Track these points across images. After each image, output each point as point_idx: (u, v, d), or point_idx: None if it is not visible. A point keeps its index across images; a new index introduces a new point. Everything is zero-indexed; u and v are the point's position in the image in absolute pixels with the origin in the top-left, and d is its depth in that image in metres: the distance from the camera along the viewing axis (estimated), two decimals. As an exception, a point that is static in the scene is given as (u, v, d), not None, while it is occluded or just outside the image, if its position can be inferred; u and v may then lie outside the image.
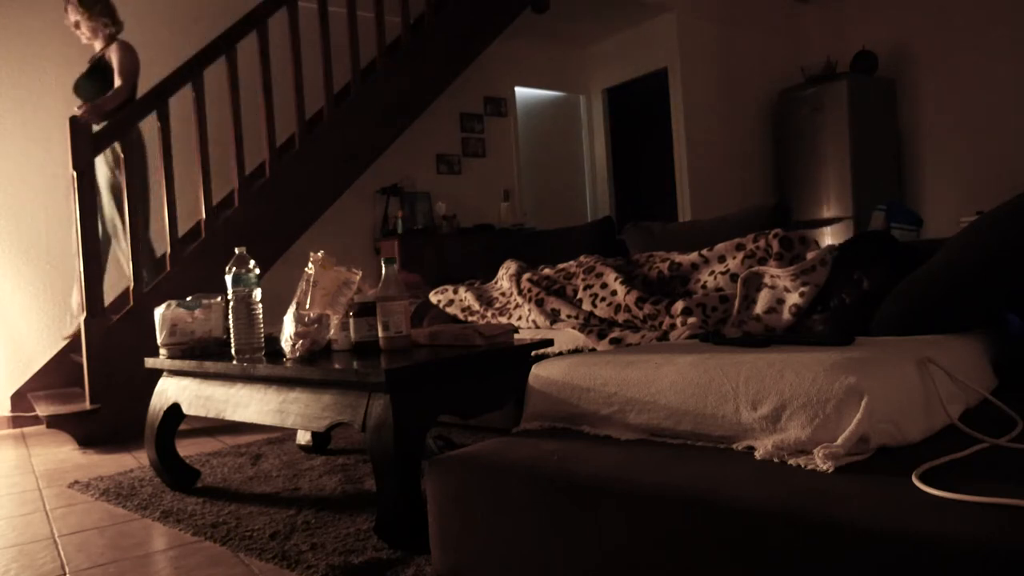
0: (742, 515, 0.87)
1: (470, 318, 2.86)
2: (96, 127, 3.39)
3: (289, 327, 1.92)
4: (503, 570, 1.15)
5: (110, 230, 3.60)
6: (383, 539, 1.60)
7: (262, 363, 1.91)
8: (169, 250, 3.50)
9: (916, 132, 5.84)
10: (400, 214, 4.80)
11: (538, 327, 2.59)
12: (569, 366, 1.38)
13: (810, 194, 5.84)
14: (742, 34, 5.99)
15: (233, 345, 2.01)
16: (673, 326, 2.21)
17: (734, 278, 2.24)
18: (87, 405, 3.18)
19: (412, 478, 1.54)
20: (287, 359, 1.90)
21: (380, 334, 1.86)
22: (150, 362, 2.33)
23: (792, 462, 1.00)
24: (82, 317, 3.23)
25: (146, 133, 3.81)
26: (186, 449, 2.80)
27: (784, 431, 1.05)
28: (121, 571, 1.63)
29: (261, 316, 2.04)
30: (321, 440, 2.66)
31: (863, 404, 0.98)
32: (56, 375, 3.85)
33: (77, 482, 2.48)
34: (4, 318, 3.80)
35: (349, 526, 1.76)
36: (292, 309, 1.96)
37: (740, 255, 2.30)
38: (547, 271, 2.81)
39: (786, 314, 2.01)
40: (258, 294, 2.04)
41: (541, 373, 1.42)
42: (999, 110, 5.34)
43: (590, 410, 1.32)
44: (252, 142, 3.93)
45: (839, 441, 0.98)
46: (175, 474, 2.29)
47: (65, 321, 3.91)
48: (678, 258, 2.50)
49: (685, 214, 5.71)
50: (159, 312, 2.29)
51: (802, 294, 1.99)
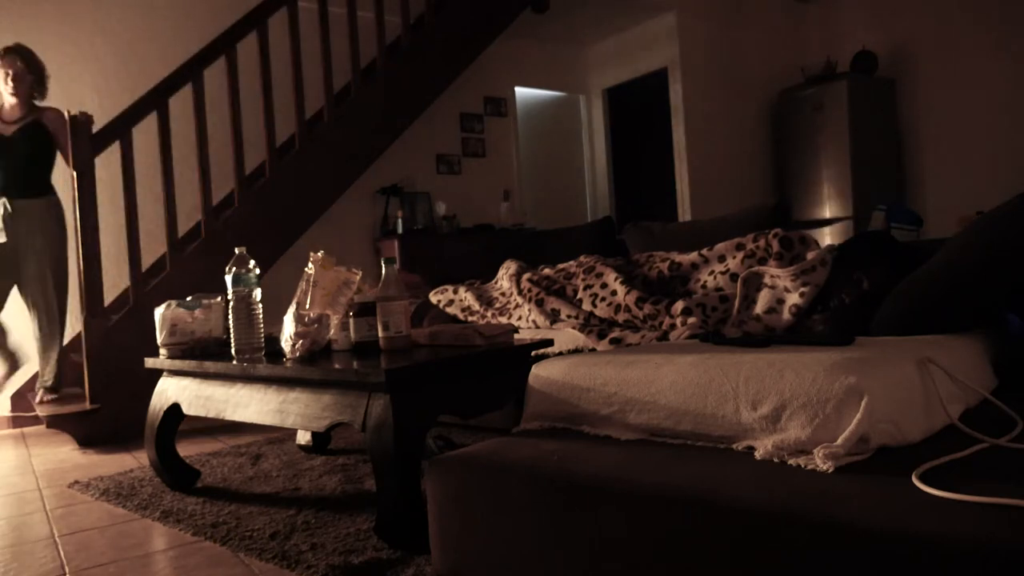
0: (742, 515, 0.87)
1: (470, 318, 2.86)
2: None
3: (289, 327, 1.92)
4: (503, 570, 1.15)
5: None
6: (383, 539, 1.60)
7: (262, 363, 1.91)
8: (169, 250, 3.50)
9: (916, 132, 5.84)
10: (400, 214, 4.80)
11: (538, 327, 2.59)
12: (569, 366, 1.38)
13: (810, 194, 5.84)
14: (742, 34, 5.99)
15: (233, 345, 2.01)
16: (673, 326, 2.21)
17: (734, 278, 2.24)
18: (87, 405, 3.18)
19: (412, 478, 1.54)
20: (287, 359, 1.90)
21: (380, 334, 1.86)
22: (150, 362, 2.33)
23: (792, 462, 1.00)
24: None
25: (146, 133, 3.81)
26: (186, 449, 2.80)
27: (784, 431, 1.05)
28: (121, 571, 1.63)
29: (261, 316, 2.04)
30: (321, 440, 2.66)
31: (863, 404, 0.98)
32: (56, 375, 3.84)
33: (77, 482, 2.48)
34: (4, 318, 3.80)
35: (349, 526, 1.76)
36: (292, 309, 1.96)
37: (740, 255, 2.30)
38: (547, 271, 2.81)
39: (786, 314, 2.01)
40: (258, 294, 2.04)
41: (541, 373, 1.42)
42: (999, 110, 5.34)
43: (590, 410, 1.32)
44: (252, 142, 3.93)
45: (839, 441, 0.98)
46: (175, 474, 2.29)
47: (65, 322, 3.90)
48: (678, 258, 2.50)
49: (685, 214, 5.71)
50: (159, 312, 2.29)
51: (802, 294, 1.99)
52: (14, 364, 3.54)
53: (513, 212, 5.53)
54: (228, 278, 2.01)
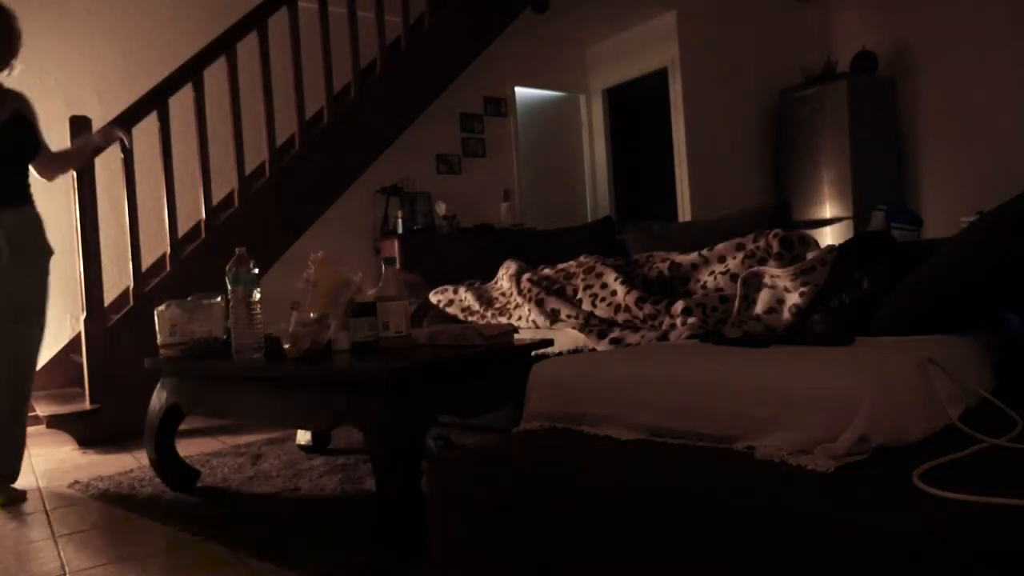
0: (742, 515, 0.87)
1: (470, 318, 2.86)
2: None
3: (289, 327, 1.92)
4: (503, 570, 1.15)
5: None
6: (383, 539, 1.60)
7: (262, 363, 1.92)
8: (169, 250, 3.50)
9: (916, 132, 5.84)
10: (400, 214, 4.80)
11: (538, 327, 2.59)
12: (569, 366, 1.38)
13: (810, 194, 5.84)
14: (742, 34, 5.99)
15: (233, 345, 2.01)
16: (673, 326, 2.21)
17: (734, 278, 2.24)
18: (87, 405, 3.18)
19: (412, 478, 1.54)
20: (287, 359, 1.90)
21: (380, 334, 1.86)
22: (150, 362, 2.33)
23: (792, 462, 1.00)
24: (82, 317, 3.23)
25: (147, 133, 3.81)
26: (186, 449, 2.80)
27: (784, 431, 1.05)
28: (121, 571, 1.63)
29: (261, 316, 2.04)
30: (321, 440, 2.66)
31: (863, 404, 0.98)
32: (56, 375, 3.85)
33: (77, 482, 2.48)
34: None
35: (349, 526, 1.76)
36: (292, 309, 1.96)
37: (740, 255, 2.30)
38: (547, 271, 2.81)
39: (786, 314, 2.01)
40: (258, 294, 2.04)
41: (541, 373, 1.42)
42: (999, 110, 5.34)
43: (590, 410, 1.32)
44: (252, 142, 3.93)
45: (839, 441, 0.98)
46: (175, 474, 2.29)
47: (65, 322, 3.91)
48: (678, 258, 2.50)
49: (685, 214, 5.71)
50: (159, 312, 2.29)
51: (802, 294, 1.99)
52: None
53: (513, 212, 5.53)
54: (228, 278, 2.01)
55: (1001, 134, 5.33)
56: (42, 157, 2.55)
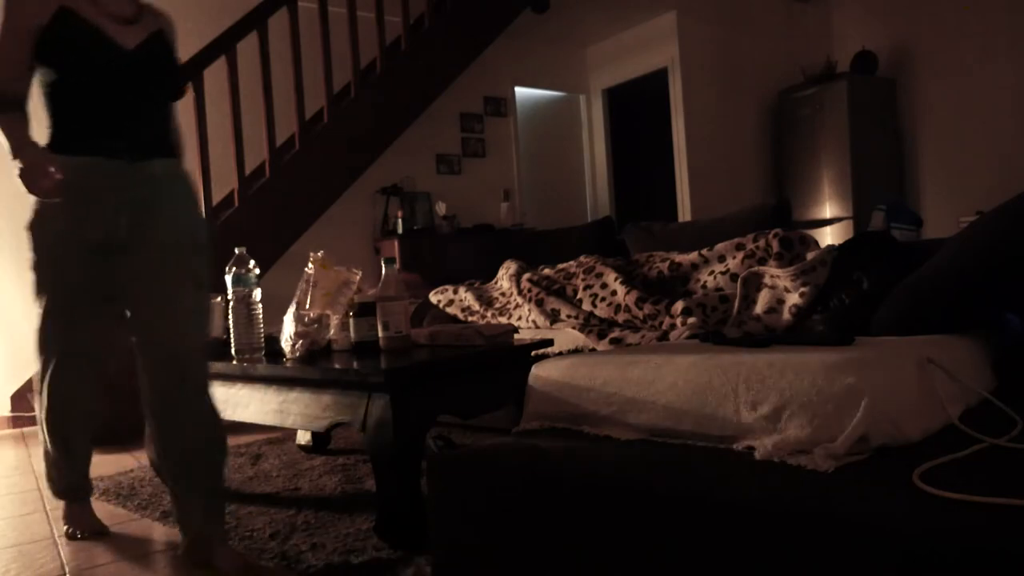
0: (742, 515, 0.87)
1: (470, 318, 2.86)
2: None
3: (289, 327, 1.92)
4: (503, 570, 1.15)
5: None
6: (383, 539, 1.60)
7: (262, 363, 1.92)
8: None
9: (916, 132, 5.84)
10: (400, 214, 4.80)
11: (538, 327, 2.59)
12: (569, 366, 1.38)
13: (810, 194, 5.84)
14: (742, 34, 5.99)
15: (233, 345, 2.01)
16: (673, 326, 2.21)
17: (734, 278, 2.24)
18: (87, 405, 3.17)
19: (412, 478, 1.54)
20: (287, 359, 1.90)
21: (380, 334, 1.86)
22: (150, 362, 2.32)
23: (792, 462, 1.00)
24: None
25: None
26: (186, 449, 2.80)
27: (784, 431, 1.05)
28: (121, 571, 1.63)
29: (261, 316, 2.04)
30: (321, 440, 2.66)
31: (863, 404, 0.98)
32: (56, 375, 3.84)
33: (77, 482, 2.48)
34: (5, 319, 3.80)
35: (349, 526, 1.76)
36: (292, 309, 1.96)
37: (740, 255, 2.30)
38: (547, 271, 2.81)
39: (786, 314, 2.01)
40: (258, 294, 2.03)
41: (541, 373, 1.42)
42: (999, 110, 5.34)
43: (590, 410, 1.32)
44: (252, 142, 3.93)
45: (839, 441, 0.98)
46: (175, 474, 2.28)
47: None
48: (678, 258, 2.50)
49: (685, 214, 5.71)
50: (159, 312, 2.28)
51: (802, 294, 1.99)
52: None
53: (513, 212, 5.53)
54: (228, 278, 2.01)
55: (1001, 134, 5.33)
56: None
